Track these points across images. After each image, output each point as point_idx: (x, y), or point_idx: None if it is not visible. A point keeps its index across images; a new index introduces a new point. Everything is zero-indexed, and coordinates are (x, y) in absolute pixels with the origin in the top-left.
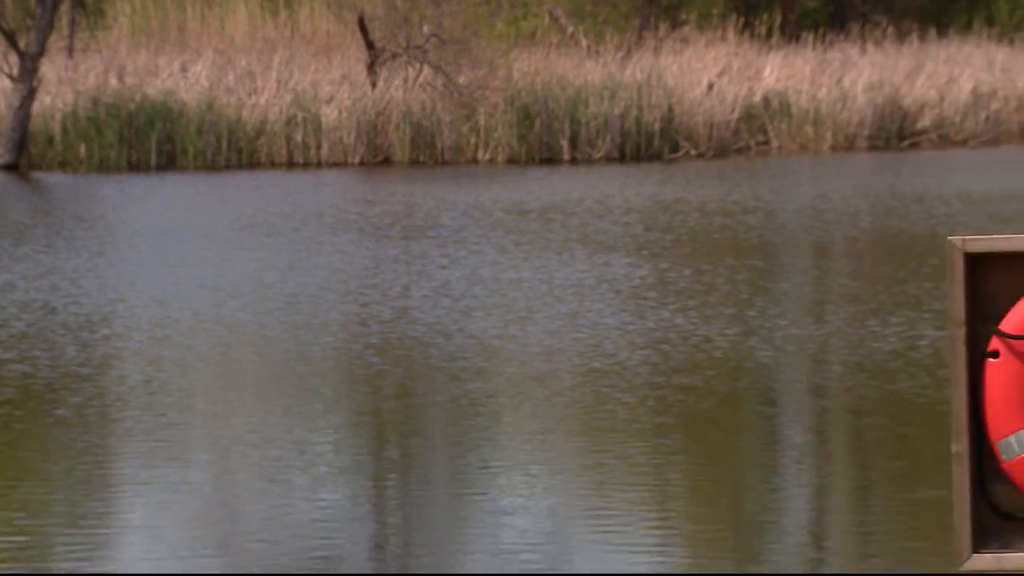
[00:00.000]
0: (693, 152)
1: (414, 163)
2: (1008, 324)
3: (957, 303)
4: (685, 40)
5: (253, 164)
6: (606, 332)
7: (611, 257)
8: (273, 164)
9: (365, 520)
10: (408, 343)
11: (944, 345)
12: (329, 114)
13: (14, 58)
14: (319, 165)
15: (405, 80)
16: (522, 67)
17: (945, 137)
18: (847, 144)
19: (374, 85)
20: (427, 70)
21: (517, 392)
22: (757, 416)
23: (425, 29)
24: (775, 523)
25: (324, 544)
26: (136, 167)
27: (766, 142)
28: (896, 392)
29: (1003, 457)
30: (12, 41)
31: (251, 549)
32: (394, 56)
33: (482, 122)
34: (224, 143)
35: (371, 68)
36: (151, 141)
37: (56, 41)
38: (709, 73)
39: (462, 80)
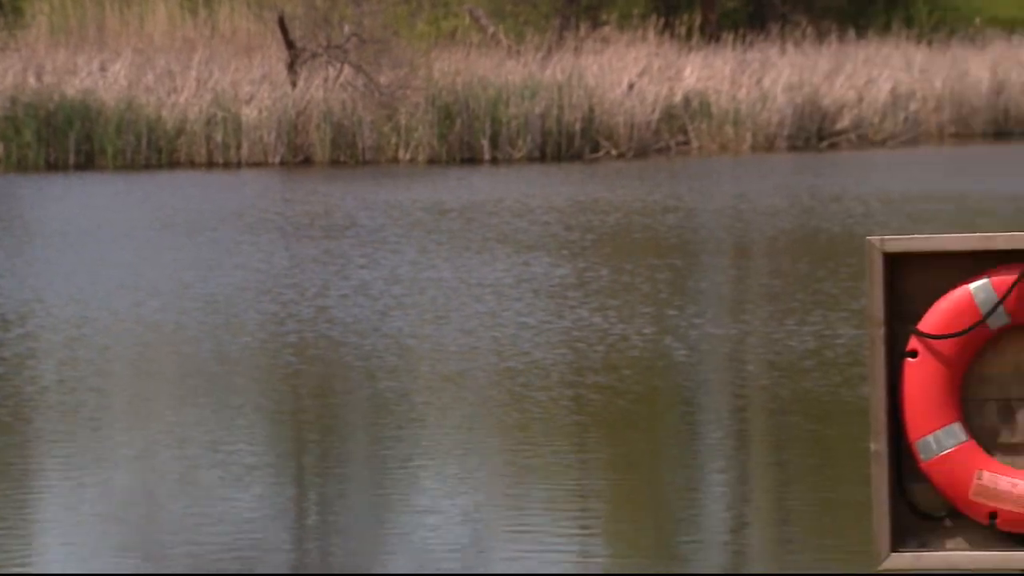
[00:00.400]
0: (614, 152)
1: (334, 163)
2: (926, 324)
3: (876, 303)
4: (605, 40)
5: (173, 164)
6: (524, 331)
7: (530, 257)
8: (193, 164)
9: (284, 519)
10: (326, 342)
11: (862, 344)
12: (249, 114)
13: None
14: (239, 165)
15: (325, 80)
16: (443, 67)
17: (864, 137)
18: (767, 144)
19: (294, 85)
20: (347, 70)
21: (434, 391)
22: (674, 415)
23: (345, 29)
24: (693, 522)
25: (243, 543)
26: (54, 166)
27: (686, 142)
28: (813, 391)
29: (921, 457)
30: None
31: (170, 549)
32: (314, 56)
33: (403, 122)
34: (143, 142)
35: (291, 68)
36: (70, 140)
37: None
38: (629, 73)
39: (383, 80)
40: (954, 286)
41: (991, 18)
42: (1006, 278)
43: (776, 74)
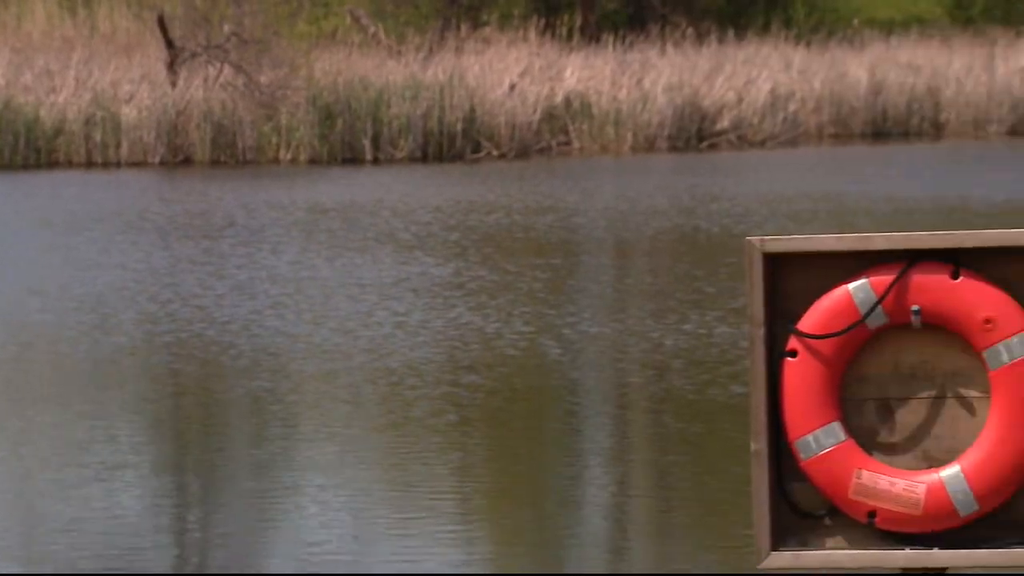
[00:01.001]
0: (495, 152)
1: (215, 163)
2: (806, 324)
3: (756, 303)
4: (486, 41)
5: (51, 164)
6: (402, 331)
7: (410, 256)
8: (72, 164)
9: (163, 519)
10: (204, 342)
11: (741, 344)
12: (129, 113)
13: None
14: (118, 165)
15: (205, 80)
16: (324, 67)
17: (743, 138)
18: (647, 145)
19: (174, 84)
20: (228, 69)
21: (312, 390)
22: (552, 414)
23: (225, 28)
24: (573, 522)
25: (123, 543)
26: None
27: (567, 142)
28: (692, 390)
29: (801, 456)
30: None
31: (49, 550)
32: (194, 55)
33: (283, 122)
34: (21, 142)
35: (171, 67)
36: None
37: None
38: (511, 74)
39: (263, 80)
40: (833, 286)
41: (869, 19)
42: (885, 278)
43: (656, 75)
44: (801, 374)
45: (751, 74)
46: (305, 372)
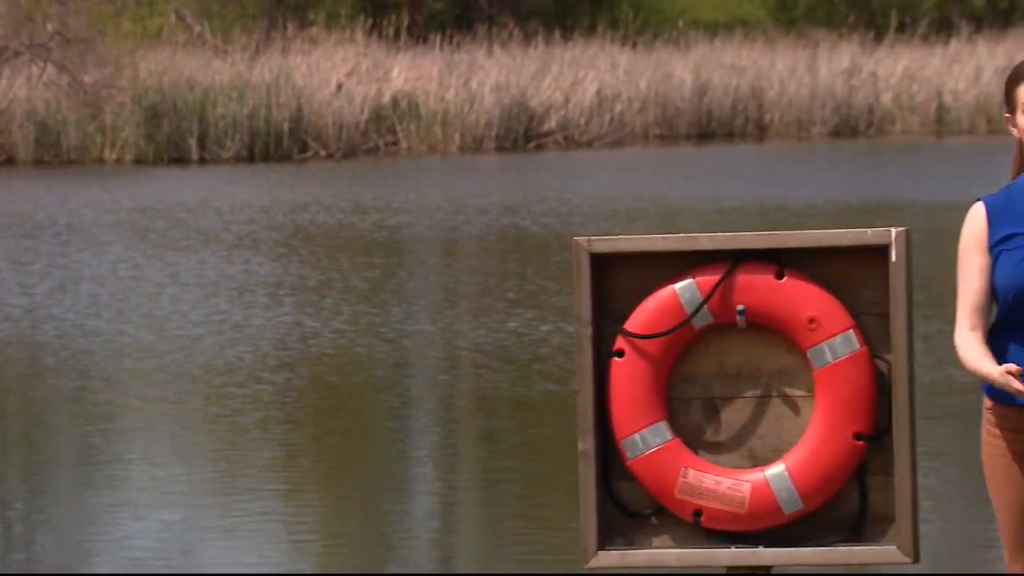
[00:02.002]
0: (322, 152)
1: (39, 163)
2: (632, 323)
3: (583, 303)
4: (313, 40)
5: None
6: (226, 329)
7: (235, 256)
8: None
9: None
10: (28, 342)
11: (568, 343)
12: None
13: None
14: None
15: (29, 79)
16: (149, 66)
17: (570, 138)
18: (475, 145)
19: None
20: (51, 69)
21: (137, 389)
22: (375, 413)
23: (49, 27)
24: (402, 522)
25: None
26: None
27: (395, 143)
28: (519, 389)
29: (628, 455)
30: None
31: None
32: (17, 54)
33: (108, 121)
34: None
35: None
36: None
37: None
38: (338, 73)
39: (87, 79)
40: (659, 286)
41: (694, 21)
42: (710, 278)
43: (484, 75)
44: (628, 374)
45: (578, 75)
46: (130, 371)
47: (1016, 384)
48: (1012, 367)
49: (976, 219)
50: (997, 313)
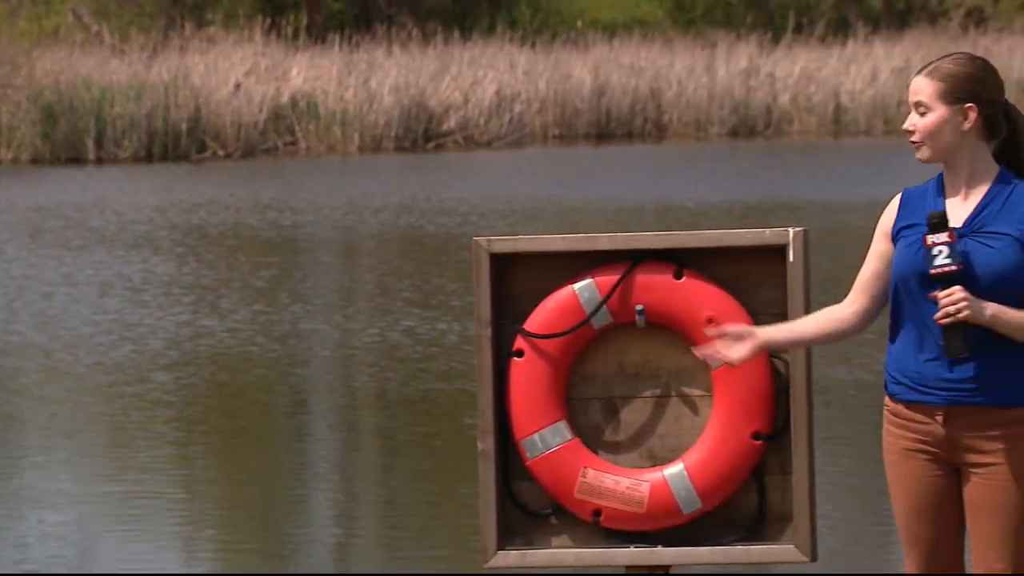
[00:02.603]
0: (221, 152)
1: None
2: (532, 323)
3: (483, 303)
4: (211, 40)
5: None
6: (122, 328)
7: (133, 255)
8: None
9: None
10: None
11: (468, 343)
12: None
13: None
14: None
15: None
16: (45, 65)
17: (470, 138)
18: (374, 145)
19: None
20: None
21: (28, 389)
22: (272, 412)
23: None
24: (299, 522)
25: None
26: None
27: (294, 142)
28: (419, 388)
29: (527, 455)
30: None
31: None
32: None
33: (4, 121)
34: None
35: None
36: None
37: None
38: (236, 73)
39: None
40: (559, 286)
41: (592, 21)
42: (609, 278)
43: (383, 75)
44: (528, 374)
45: (477, 75)
46: (28, 369)
47: (703, 349)
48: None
49: (889, 207)
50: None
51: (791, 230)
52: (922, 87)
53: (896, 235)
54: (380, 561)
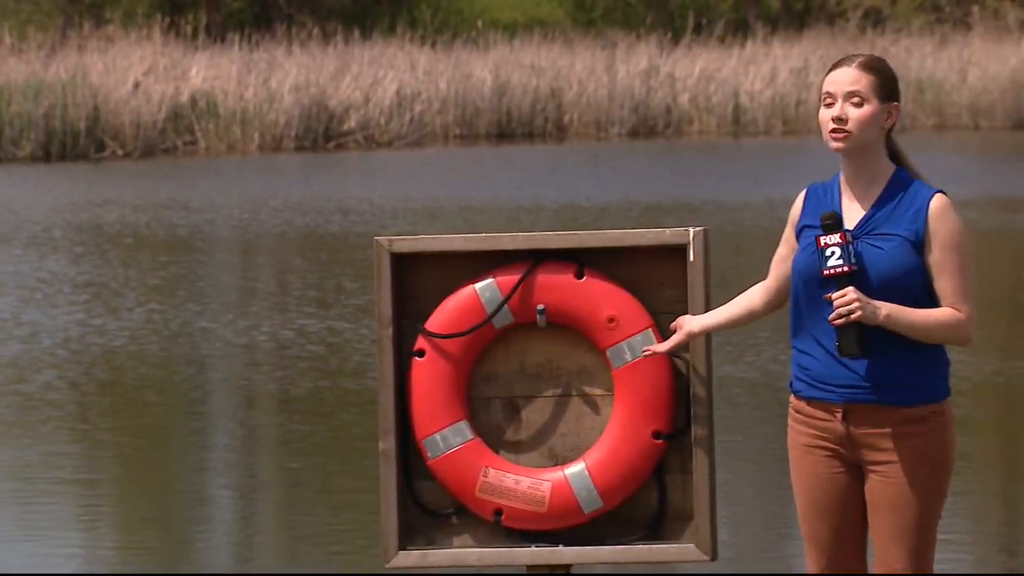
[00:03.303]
0: (120, 152)
1: None
2: (433, 323)
3: (384, 303)
4: (110, 39)
5: None
6: (15, 328)
7: (30, 254)
8: None
9: None
10: None
11: (369, 343)
12: None
13: None
14: None
15: None
16: None
17: (371, 138)
18: (275, 144)
19: None
20: None
21: None
22: (175, 411)
23: None
24: (199, 522)
25: None
26: None
27: (194, 142)
28: (319, 387)
29: (429, 455)
30: None
31: None
32: None
33: None
34: None
35: None
36: None
37: None
38: (135, 72)
39: None
40: (460, 286)
41: (492, 21)
42: (510, 278)
43: (283, 75)
44: (429, 373)
45: (377, 74)
46: None
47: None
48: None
49: (797, 202)
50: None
51: (691, 230)
52: (857, 78)
53: (799, 233)
54: (280, 561)
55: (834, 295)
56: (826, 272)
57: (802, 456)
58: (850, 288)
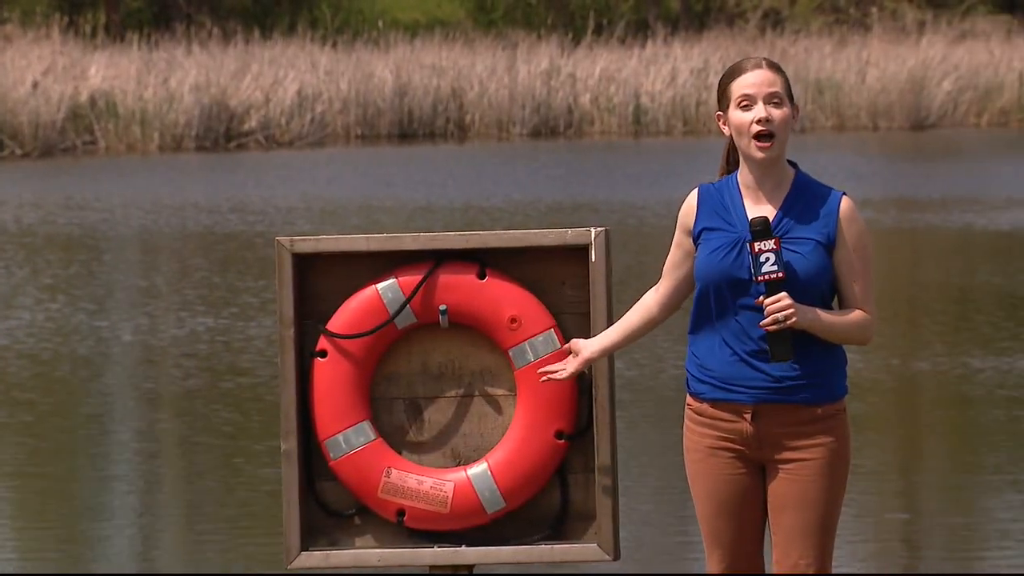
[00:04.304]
0: (19, 151)
1: None
2: (335, 323)
3: (286, 303)
4: (8, 38)
5: None
6: None
7: None
8: None
9: None
10: None
11: (271, 343)
12: None
13: None
14: None
15: None
16: None
17: (272, 138)
18: (175, 144)
19: None
20: None
21: None
22: (74, 412)
23: None
24: (100, 521)
25: None
26: None
27: (93, 142)
28: (222, 388)
29: (331, 455)
30: None
31: None
32: None
33: None
34: None
35: None
36: None
37: None
38: (33, 72)
39: None
40: (362, 286)
41: (394, 21)
42: (412, 278)
43: (183, 74)
44: (331, 374)
45: (278, 74)
46: None
47: (555, 370)
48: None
49: (688, 204)
50: (694, 299)
51: (593, 230)
52: (774, 79)
53: (697, 236)
54: (183, 561)
55: (767, 301)
56: (760, 278)
57: (704, 459)
58: (783, 294)
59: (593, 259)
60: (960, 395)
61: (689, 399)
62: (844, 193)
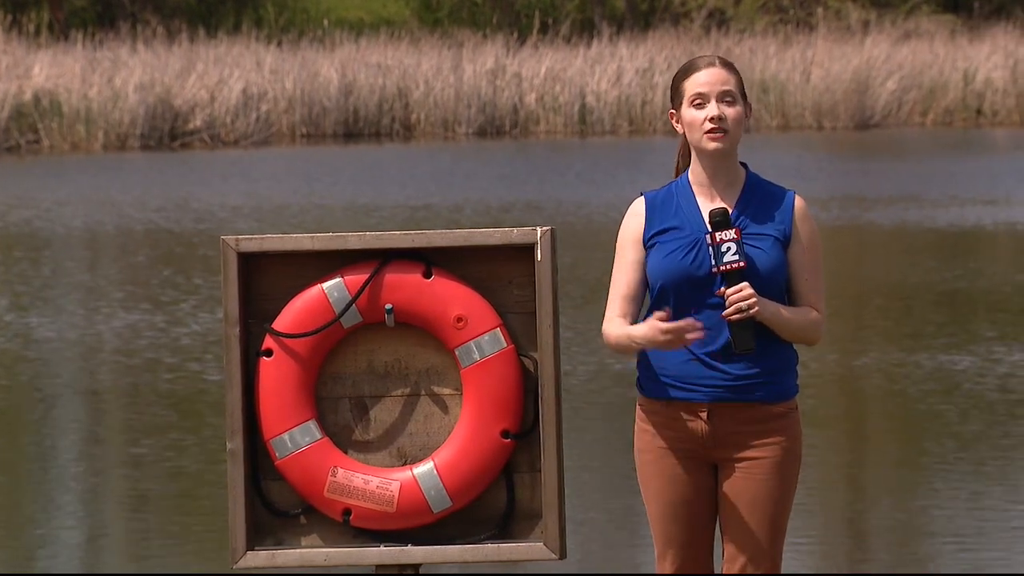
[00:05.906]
0: None
1: None
2: (281, 323)
3: (231, 302)
4: None
5: None
6: None
7: None
8: None
9: None
10: None
11: (217, 343)
12: None
13: None
14: None
15: None
16: None
17: (217, 137)
18: (119, 143)
19: None
20: None
21: None
22: (19, 413)
23: None
24: (47, 522)
25: None
26: None
27: (37, 141)
28: (165, 387)
29: (277, 455)
30: None
31: None
32: None
33: None
34: None
35: None
36: None
37: None
38: None
39: None
40: (308, 285)
41: (339, 20)
42: (358, 277)
43: (127, 73)
44: (276, 373)
45: (223, 73)
46: None
47: (664, 325)
48: (659, 314)
49: (634, 215)
50: (649, 304)
51: (539, 229)
52: (727, 78)
53: (649, 241)
54: (128, 561)
55: (729, 291)
56: (721, 268)
57: (657, 459)
58: (745, 283)
59: (539, 258)
60: (903, 391)
61: (641, 399)
62: (796, 192)
